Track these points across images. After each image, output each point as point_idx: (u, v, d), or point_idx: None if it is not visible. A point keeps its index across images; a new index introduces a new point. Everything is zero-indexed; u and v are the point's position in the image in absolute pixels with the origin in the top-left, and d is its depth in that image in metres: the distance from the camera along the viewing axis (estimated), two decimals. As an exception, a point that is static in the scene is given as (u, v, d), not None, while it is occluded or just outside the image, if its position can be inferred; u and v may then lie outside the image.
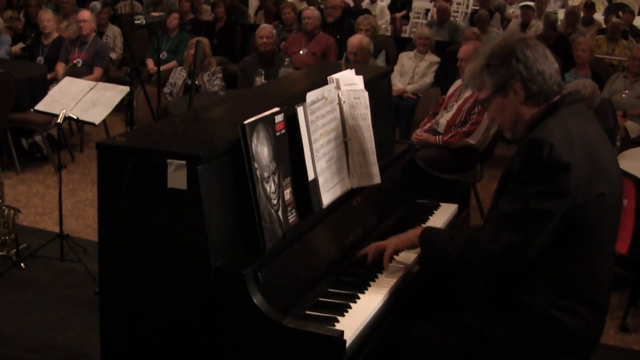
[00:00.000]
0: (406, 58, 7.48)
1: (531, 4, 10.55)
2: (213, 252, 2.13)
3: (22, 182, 6.26)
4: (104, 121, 5.38)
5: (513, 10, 12.21)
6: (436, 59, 7.38)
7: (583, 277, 2.28)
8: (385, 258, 2.59)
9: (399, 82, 7.27)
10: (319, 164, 2.51)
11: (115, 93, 4.71)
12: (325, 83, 2.67)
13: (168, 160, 2.13)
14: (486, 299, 2.38)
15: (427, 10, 12.10)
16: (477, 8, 10.73)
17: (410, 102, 7.01)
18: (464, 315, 2.42)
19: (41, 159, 6.79)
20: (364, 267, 2.63)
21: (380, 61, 7.36)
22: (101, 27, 8.63)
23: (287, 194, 2.36)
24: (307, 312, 2.32)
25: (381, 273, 2.59)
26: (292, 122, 2.42)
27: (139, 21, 4.52)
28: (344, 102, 2.70)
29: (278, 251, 2.27)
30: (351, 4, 10.93)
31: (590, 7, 10.53)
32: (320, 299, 2.41)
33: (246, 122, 2.20)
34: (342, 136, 2.67)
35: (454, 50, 6.59)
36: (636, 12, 11.87)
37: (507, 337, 2.30)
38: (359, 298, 2.41)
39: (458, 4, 12.65)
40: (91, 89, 4.73)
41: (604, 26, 10.08)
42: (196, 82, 5.10)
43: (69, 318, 3.95)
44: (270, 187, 2.26)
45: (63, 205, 4.54)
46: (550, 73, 2.30)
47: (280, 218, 2.30)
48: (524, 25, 10.05)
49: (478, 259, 2.29)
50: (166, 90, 6.58)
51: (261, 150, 2.24)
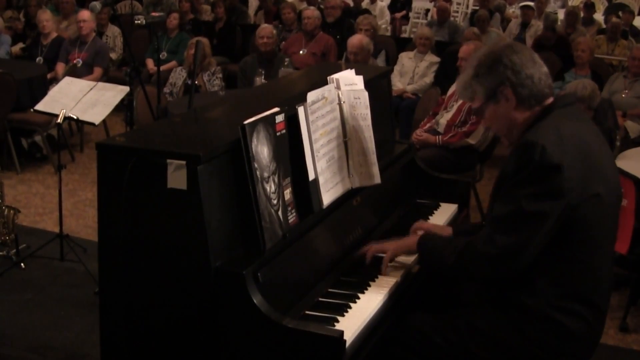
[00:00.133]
0: (406, 58, 7.48)
1: (531, 4, 10.55)
2: (213, 252, 2.13)
3: (22, 182, 6.26)
4: (104, 121, 5.38)
5: (513, 10, 12.20)
6: (436, 59, 7.38)
7: (582, 277, 2.28)
8: (384, 264, 2.59)
9: (399, 82, 7.27)
10: (319, 164, 2.51)
11: (115, 93, 4.70)
12: (325, 83, 2.67)
13: (168, 160, 2.13)
14: (486, 299, 2.39)
15: (427, 10, 12.10)
16: (477, 8, 10.72)
17: (410, 102, 7.01)
18: (465, 313, 2.43)
19: (41, 159, 6.78)
20: (364, 267, 2.63)
21: (380, 61, 7.35)
22: (101, 27, 8.63)
23: (287, 194, 2.36)
24: (307, 312, 2.32)
25: (381, 273, 2.60)
26: (293, 122, 2.42)
27: (139, 21, 4.52)
28: (344, 102, 2.70)
29: (278, 251, 2.27)
30: (351, 4, 10.94)
31: (590, 7, 10.53)
32: (320, 299, 2.41)
33: (246, 122, 2.20)
34: (342, 136, 2.67)
35: (454, 50, 6.59)
36: (636, 12, 11.87)
37: (507, 337, 2.31)
38: (359, 298, 2.41)
39: (458, 4, 12.65)
40: (91, 89, 4.73)
41: (604, 26, 10.09)
42: (196, 82, 5.09)
43: (69, 318, 3.95)
44: (270, 187, 2.26)
45: (63, 205, 4.54)
46: (539, 76, 2.30)
47: (280, 218, 2.30)
48: (524, 25, 10.06)
49: (475, 263, 2.30)
50: (166, 90, 6.57)
51: (261, 150, 2.24)
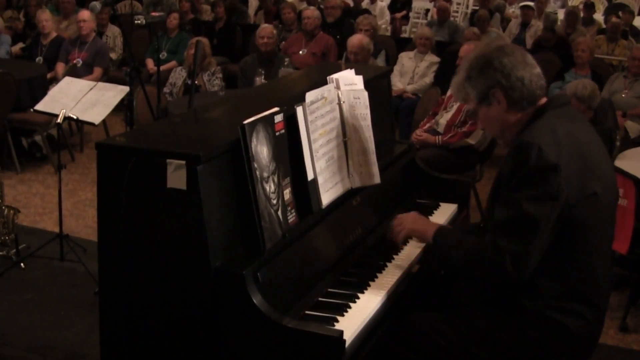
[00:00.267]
0: (406, 58, 7.48)
1: (531, 4, 10.55)
2: (213, 252, 2.13)
3: (22, 182, 6.26)
4: (104, 121, 5.38)
5: (513, 10, 12.20)
6: (436, 59, 7.38)
7: (581, 277, 2.28)
8: (398, 239, 2.72)
9: (399, 82, 7.27)
10: (319, 164, 2.51)
11: (115, 93, 4.71)
12: (325, 83, 2.67)
13: (168, 160, 2.13)
14: (486, 299, 2.39)
15: (427, 10, 12.10)
16: (477, 8, 10.72)
17: (410, 102, 7.01)
18: (465, 313, 2.43)
19: (41, 159, 6.79)
20: (364, 267, 2.64)
21: (380, 61, 7.35)
22: (101, 27, 8.63)
23: (287, 194, 2.36)
24: (307, 312, 2.32)
25: (380, 273, 2.60)
26: (292, 122, 2.42)
27: (139, 21, 4.52)
28: (344, 102, 2.70)
29: (278, 251, 2.27)
30: (351, 4, 10.94)
31: (590, 7, 10.53)
32: (320, 299, 2.41)
33: (246, 122, 2.20)
34: (342, 136, 2.67)
35: (454, 50, 6.60)
36: (636, 12, 11.86)
37: (507, 337, 2.31)
38: (359, 298, 2.41)
39: (458, 4, 12.65)
40: (91, 89, 4.73)
41: (604, 26, 10.08)
42: (196, 82, 5.09)
43: (69, 318, 3.95)
44: (269, 187, 2.26)
45: (63, 205, 4.54)
46: (530, 78, 2.30)
47: (279, 218, 2.30)
48: (524, 25, 10.05)
49: (483, 270, 2.29)
50: (166, 90, 6.57)
51: (261, 150, 2.24)
